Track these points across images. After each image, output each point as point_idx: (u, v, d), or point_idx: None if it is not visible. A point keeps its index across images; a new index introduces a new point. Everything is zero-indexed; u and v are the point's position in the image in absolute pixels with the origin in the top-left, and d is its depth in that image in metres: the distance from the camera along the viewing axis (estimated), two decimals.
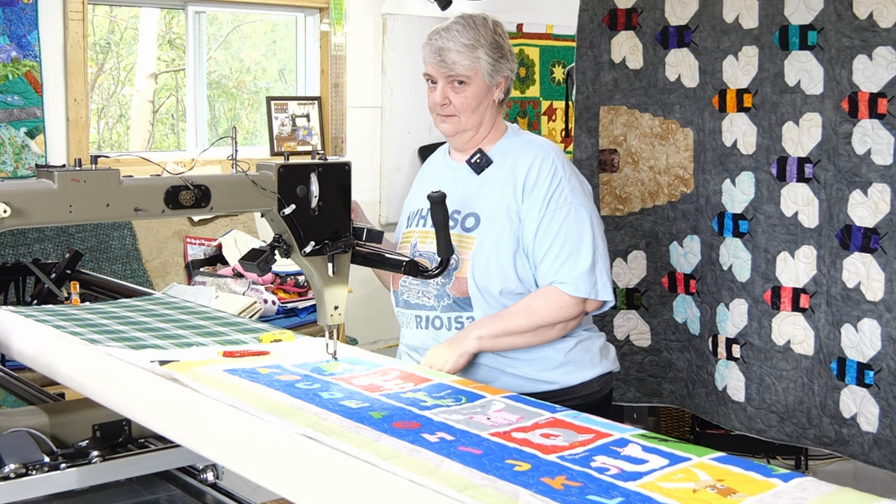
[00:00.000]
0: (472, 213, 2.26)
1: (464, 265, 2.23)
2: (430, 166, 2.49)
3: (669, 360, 3.61)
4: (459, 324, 2.25)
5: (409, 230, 2.39)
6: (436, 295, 2.27)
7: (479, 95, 2.27)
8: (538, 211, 2.21)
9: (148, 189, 1.68)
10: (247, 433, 1.42)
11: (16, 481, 1.61)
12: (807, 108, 3.11)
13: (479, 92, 2.27)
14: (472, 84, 2.26)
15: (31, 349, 1.94)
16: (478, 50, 2.25)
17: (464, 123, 2.28)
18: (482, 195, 2.27)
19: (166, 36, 6.30)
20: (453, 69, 2.24)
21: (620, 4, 3.54)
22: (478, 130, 2.31)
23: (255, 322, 2.25)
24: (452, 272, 2.25)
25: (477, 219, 2.25)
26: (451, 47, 2.24)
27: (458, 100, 2.26)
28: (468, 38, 2.25)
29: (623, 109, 3.57)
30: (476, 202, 2.27)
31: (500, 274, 2.22)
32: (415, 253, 2.31)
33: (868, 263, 2.96)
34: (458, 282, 2.24)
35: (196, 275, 4.49)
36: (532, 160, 2.25)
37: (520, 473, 1.26)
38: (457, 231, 2.24)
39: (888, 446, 2.95)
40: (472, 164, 2.30)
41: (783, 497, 1.19)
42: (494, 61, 2.26)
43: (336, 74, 5.35)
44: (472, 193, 2.28)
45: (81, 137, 4.41)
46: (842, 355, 3.05)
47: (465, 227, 2.26)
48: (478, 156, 2.30)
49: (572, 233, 2.20)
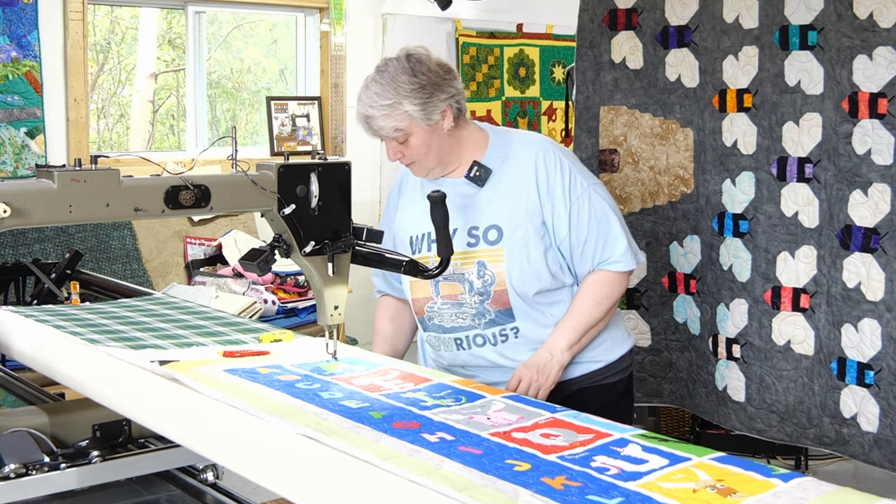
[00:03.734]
0: (493, 226, 2.23)
1: (500, 278, 2.23)
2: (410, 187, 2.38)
3: (670, 360, 3.61)
4: (504, 336, 2.26)
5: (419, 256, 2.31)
6: (474, 314, 2.26)
7: (425, 141, 2.19)
8: (564, 207, 2.23)
9: (148, 189, 1.68)
10: (247, 433, 1.42)
11: (16, 481, 1.61)
12: (807, 108, 3.11)
13: (424, 138, 2.19)
14: (413, 135, 2.18)
15: (31, 349, 1.94)
16: (401, 105, 2.15)
17: (427, 164, 2.24)
18: (495, 205, 2.23)
19: (166, 36, 6.31)
20: (384, 133, 2.18)
21: (620, 4, 3.53)
22: (448, 159, 2.26)
23: (255, 322, 2.25)
24: (489, 287, 2.24)
25: (499, 230, 2.23)
26: (374, 113, 2.16)
27: (408, 151, 2.20)
28: (386, 98, 2.15)
29: (623, 109, 3.57)
30: (492, 214, 2.23)
31: (536, 277, 2.24)
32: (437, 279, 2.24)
33: (868, 263, 2.96)
34: (498, 295, 2.24)
35: (196, 275, 4.49)
36: (535, 159, 2.24)
37: (520, 473, 1.26)
38: (481, 247, 2.23)
39: (888, 446, 2.95)
40: (472, 178, 2.24)
41: (783, 497, 1.19)
42: (423, 104, 2.15)
43: (336, 74, 5.35)
44: (483, 206, 2.24)
45: (81, 137, 4.41)
46: (842, 355, 3.05)
47: (489, 241, 2.24)
48: (476, 168, 2.24)
49: (600, 215, 2.26)
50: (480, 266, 2.24)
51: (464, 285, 2.25)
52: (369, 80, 2.20)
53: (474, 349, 2.27)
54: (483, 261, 2.23)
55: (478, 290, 2.24)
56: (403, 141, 2.18)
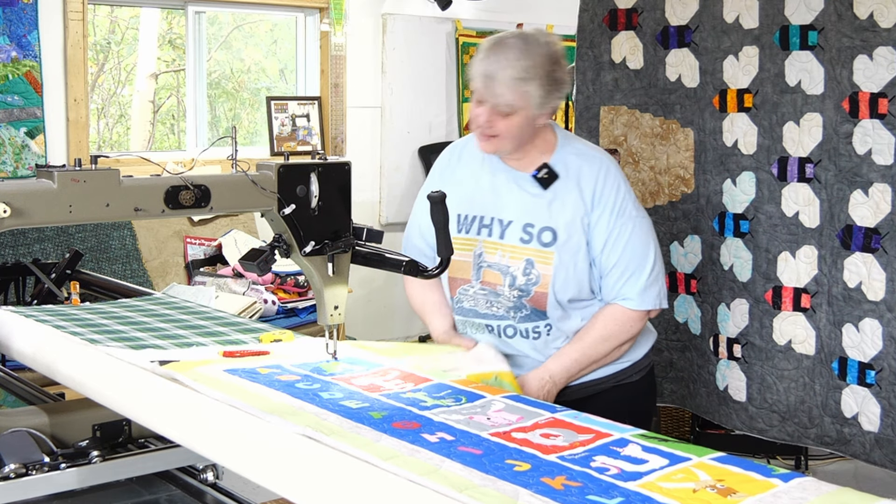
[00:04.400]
0: (548, 228, 2.23)
1: (545, 280, 2.23)
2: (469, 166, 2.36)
3: (670, 360, 3.61)
4: (537, 333, 2.27)
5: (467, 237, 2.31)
6: (510, 307, 2.26)
7: (521, 125, 2.17)
8: (606, 225, 2.22)
9: (148, 189, 1.68)
10: (247, 433, 1.42)
11: (16, 481, 1.61)
12: (807, 108, 3.11)
13: (523, 122, 2.16)
14: (518, 114, 2.14)
15: (31, 349, 1.94)
16: (529, 84, 2.12)
17: (505, 145, 2.21)
18: (555, 209, 2.23)
19: (167, 36, 6.30)
20: (498, 100, 2.13)
21: (620, 4, 3.53)
22: (523, 148, 2.24)
23: (255, 322, 2.25)
24: (532, 286, 2.24)
25: (553, 234, 2.23)
26: (500, 78, 2.11)
27: (503, 125, 2.16)
28: (519, 71, 2.11)
29: (623, 109, 3.57)
30: (550, 217, 2.23)
31: (577, 286, 2.25)
32: (481, 263, 2.27)
33: (869, 263, 2.96)
34: (538, 296, 2.25)
35: (196, 275, 4.49)
36: (597, 173, 2.24)
37: (520, 473, 1.26)
38: (533, 245, 2.23)
39: (889, 446, 2.94)
40: (539, 178, 2.23)
41: (783, 497, 1.19)
42: (546, 94, 2.14)
43: (336, 74, 5.35)
44: (543, 207, 2.23)
45: (81, 137, 4.41)
46: (843, 355, 3.05)
47: (542, 242, 2.23)
48: (545, 170, 2.23)
49: (638, 248, 2.24)
50: (528, 264, 2.23)
51: (506, 278, 2.25)
52: (509, 41, 2.14)
53: (504, 338, 2.29)
54: (532, 259, 2.23)
55: (519, 286, 2.24)
56: (506, 115, 2.14)
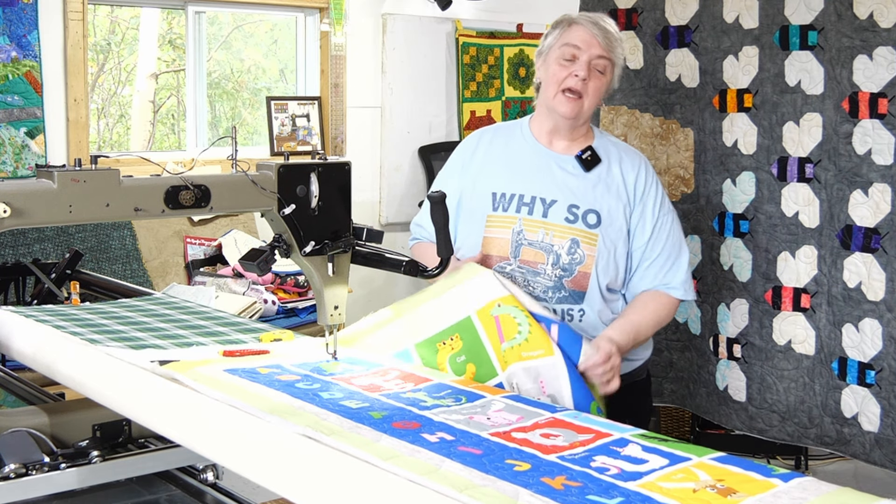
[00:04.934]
0: (593, 210, 2.29)
1: (589, 261, 2.28)
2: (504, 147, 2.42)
3: (670, 360, 3.61)
4: (570, 316, 2.29)
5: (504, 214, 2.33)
6: (549, 286, 2.28)
7: (604, 88, 2.32)
8: (651, 219, 2.32)
9: (148, 189, 1.68)
10: (247, 433, 1.42)
11: (16, 481, 1.61)
12: (807, 108, 3.11)
13: (606, 84, 2.33)
14: (608, 76, 2.31)
15: (31, 349, 1.94)
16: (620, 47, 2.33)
17: (584, 109, 2.31)
18: (598, 192, 2.31)
19: (167, 36, 6.30)
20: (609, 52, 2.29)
21: (620, 4, 3.53)
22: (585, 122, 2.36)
23: (255, 322, 2.25)
24: (576, 266, 2.27)
25: (598, 216, 2.29)
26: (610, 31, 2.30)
27: (594, 84, 2.30)
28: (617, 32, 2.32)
29: (623, 109, 3.57)
30: (594, 199, 2.30)
31: (616, 271, 2.31)
32: (520, 241, 2.30)
33: (869, 263, 2.96)
34: (580, 277, 2.28)
35: (196, 275, 4.49)
36: (639, 168, 2.36)
37: (520, 473, 1.26)
38: (579, 226, 2.29)
39: (889, 446, 2.94)
40: (583, 160, 2.32)
41: (783, 497, 1.19)
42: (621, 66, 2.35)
43: (336, 74, 5.35)
44: (587, 189, 2.31)
45: (81, 137, 4.41)
46: (843, 355, 3.05)
47: (588, 224, 2.29)
48: (589, 153, 2.33)
49: (676, 240, 2.36)
50: (574, 243, 2.27)
51: (549, 256, 2.28)
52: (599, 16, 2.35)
53: None
54: (577, 239, 2.27)
55: (563, 265, 2.27)
56: (602, 70, 2.30)
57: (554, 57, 2.33)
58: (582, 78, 2.28)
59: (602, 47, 2.28)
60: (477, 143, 2.45)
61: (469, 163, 2.42)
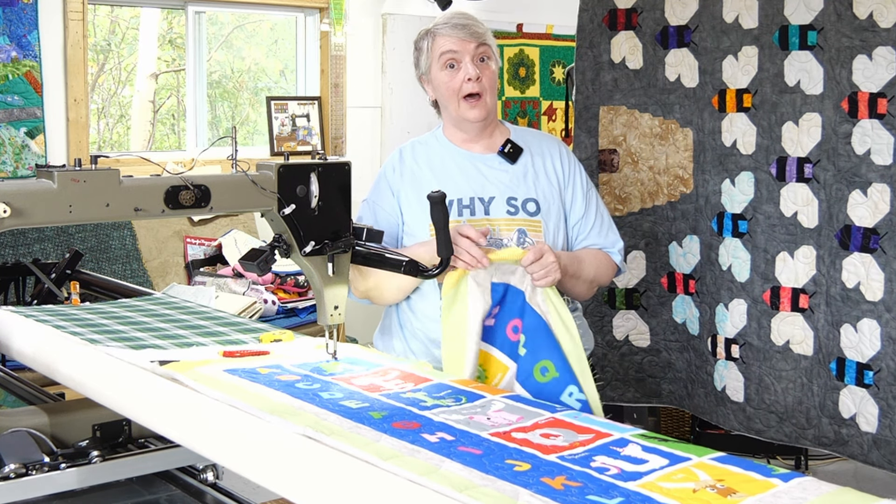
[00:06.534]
0: (531, 199, 2.35)
1: None
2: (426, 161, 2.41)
3: (668, 361, 3.61)
4: None
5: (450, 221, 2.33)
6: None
7: (494, 77, 2.35)
8: (581, 192, 2.41)
9: (148, 189, 1.68)
10: (247, 433, 1.42)
11: (16, 481, 1.61)
12: (806, 108, 3.11)
13: (494, 73, 2.35)
14: (493, 58, 2.35)
15: (31, 349, 1.94)
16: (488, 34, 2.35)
17: (488, 105, 2.34)
18: (529, 181, 2.36)
19: (167, 36, 6.30)
20: (483, 39, 2.32)
21: (620, 4, 3.54)
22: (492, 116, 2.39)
23: (255, 322, 2.25)
24: None
25: (536, 203, 2.35)
26: (470, 21, 2.33)
27: (487, 75, 2.32)
28: (474, 19, 2.35)
29: (623, 109, 3.57)
30: (528, 188, 2.35)
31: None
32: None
33: (867, 263, 2.96)
34: None
35: (196, 275, 4.49)
36: (559, 152, 2.43)
37: (520, 473, 1.26)
38: (521, 216, 2.33)
39: (887, 446, 2.95)
40: (506, 154, 2.37)
41: (783, 497, 1.19)
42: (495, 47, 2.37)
43: (336, 74, 5.35)
44: (519, 180, 2.36)
45: (81, 137, 4.41)
46: (841, 355, 3.05)
47: (529, 212, 2.34)
48: (509, 145, 2.37)
49: (604, 213, 2.46)
50: (521, 234, 2.32)
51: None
52: (450, 15, 2.38)
53: None
54: (523, 229, 2.32)
55: None
56: (485, 57, 2.33)
57: (436, 71, 2.35)
58: (476, 77, 2.30)
59: (474, 39, 2.31)
60: (399, 161, 2.46)
61: (399, 182, 2.43)
